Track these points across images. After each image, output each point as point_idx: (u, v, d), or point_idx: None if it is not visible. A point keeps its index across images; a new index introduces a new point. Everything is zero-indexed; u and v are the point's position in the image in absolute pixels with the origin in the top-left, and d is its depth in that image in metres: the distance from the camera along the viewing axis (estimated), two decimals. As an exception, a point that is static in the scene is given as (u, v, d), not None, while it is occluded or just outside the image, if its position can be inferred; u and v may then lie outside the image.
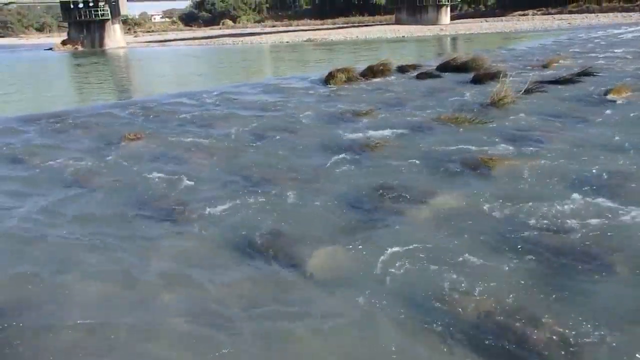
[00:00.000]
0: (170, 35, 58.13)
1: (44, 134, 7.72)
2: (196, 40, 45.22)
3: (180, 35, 57.34)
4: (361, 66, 12.86)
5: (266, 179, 5.11)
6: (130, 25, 66.27)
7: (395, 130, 6.84)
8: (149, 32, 68.11)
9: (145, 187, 5.05)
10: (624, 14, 46.28)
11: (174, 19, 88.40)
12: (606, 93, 8.47)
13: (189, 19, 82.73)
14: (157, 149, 6.55)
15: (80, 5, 40.78)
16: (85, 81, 18.55)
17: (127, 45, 42.76)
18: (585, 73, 10.68)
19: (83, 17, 40.78)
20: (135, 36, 57.46)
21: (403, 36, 37.68)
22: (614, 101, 8.05)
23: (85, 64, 26.46)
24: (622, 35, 23.80)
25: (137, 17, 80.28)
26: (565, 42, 21.54)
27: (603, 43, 20.04)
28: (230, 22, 71.21)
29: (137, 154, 6.39)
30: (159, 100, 10.48)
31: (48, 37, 68.72)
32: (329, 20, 63.96)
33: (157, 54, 32.42)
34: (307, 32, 47.12)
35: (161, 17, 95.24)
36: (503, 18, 52.72)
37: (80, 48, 40.87)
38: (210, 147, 6.48)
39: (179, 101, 10.17)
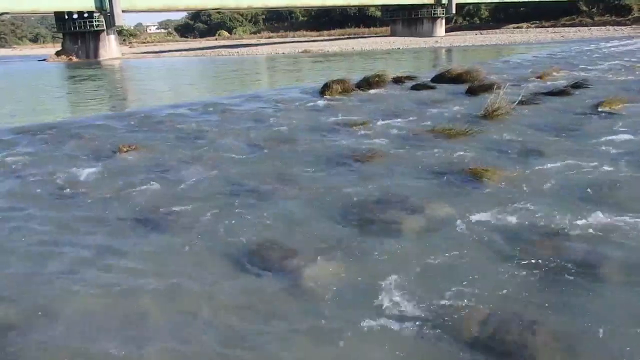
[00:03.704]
0: (166, 46, 58.34)
1: (37, 146, 7.66)
2: (192, 52, 45.37)
3: (176, 46, 57.57)
4: (357, 77, 12.93)
5: (260, 190, 5.10)
6: (125, 36, 66.34)
7: (390, 141, 6.87)
8: (144, 43, 68.23)
9: (139, 198, 5.02)
10: (616, 27, 47.06)
11: (170, 30, 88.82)
12: (598, 105, 8.57)
13: (184, 30, 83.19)
14: (152, 160, 6.52)
15: (75, 16, 40.65)
16: (80, 92, 18.52)
17: (122, 56, 42.79)
18: (578, 85, 10.81)
19: (77, 28, 40.65)
20: (130, 47, 57.50)
21: (399, 48, 38.00)
22: (606, 113, 8.14)
23: (80, 74, 26.45)
24: (613, 49, 24.12)
25: (132, 28, 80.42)
26: (558, 55, 21.78)
27: (595, 56, 20.29)
28: (226, 34, 71.62)
29: (131, 165, 6.36)
30: (154, 111, 10.46)
31: (42, 47, 68.74)
32: (325, 32, 64.49)
33: (152, 65, 32.48)
34: (303, 43, 47.43)
35: (157, 28, 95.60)
36: (497, 31, 53.36)
37: (74, 59, 40.78)
38: (204, 158, 6.46)
39: (174, 112, 10.15)
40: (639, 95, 9.74)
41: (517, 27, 54.66)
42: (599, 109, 8.35)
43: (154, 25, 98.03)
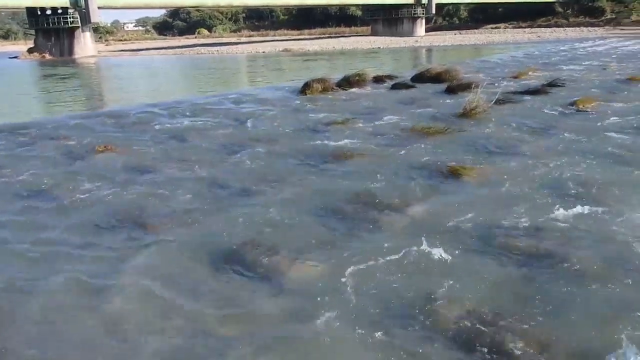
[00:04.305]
0: (144, 44, 57.39)
1: (7, 147, 7.43)
2: (170, 50, 44.77)
3: (154, 44, 56.70)
4: (337, 76, 12.93)
5: (240, 190, 5.05)
6: (101, 33, 65.07)
7: (369, 140, 6.88)
8: (121, 40, 67.00)
9: (116, 200, 4.92)
10: (590, 28, 48.23)
11: (148, 27, 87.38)
12: (572, 103, 8.79)
13: (163, 28, 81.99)
14: (129, 160, 6.40)
15: (48, 12, 39.54)
16: (54, 91, 18.10)
17: (99, 54, 41.95)
18: (553, 84, 11.04)
19: (51, 25, 39.55)
20: (107, 45, 56.44)
21: (379, 47, 38.20)
22: (580, 111, 8.35)
23: (54, 73, 25.85)
24: (587, 49, 24.68)
25: (109, 25, 78.83)
26: (535, 55, 22.18)
27: (570, 55, 20.73)
28: (205, 32, 70.82)
29: (108, 166, 6.22)
30: (131, 111, 10.28)
31: (13, 45, 66.76)
32: (306, 31, 64.39)
33: (129, 64, 31.95)
34: (284, 42, 47.27)
35: (134, 26, 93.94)
36: (476, 31, 54.11)
37: (48, 56, 39.77)
38: (183, 159, 6.37)
39: (152, 112, 9.99)
40: (611, 94, 9.99)
41: (495, 28, 55.48)
42: (574, 108, 8.55)
43: (131, 23, 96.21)
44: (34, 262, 3.70)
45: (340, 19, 66.47)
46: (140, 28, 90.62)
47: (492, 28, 55.71)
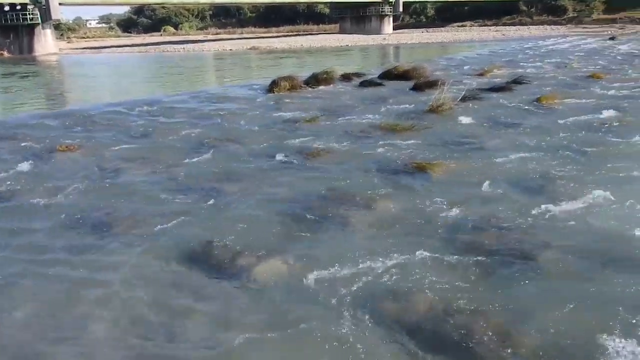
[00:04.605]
0: (107, 41, 55.78)
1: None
2: (135, 48, 43.67)
3: (118, 42, 55.15)
4: (305, 74, 12.89)
5: (207, 188, 4.96)
6: (63, 30, 62.72)
7: (337, 138, 6.89)
8: (84, 38, 64.79)
9: (80, 201, 4.76)
10: (553, 26, 49.70)
11: (112, 25, 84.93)
12: (536, 100, 9.01)
13: (127, 25, 79.83)
14: (93, 160, 6.21)
15: (6, 8, 37.90)
16: (13, 90, 17.38)
17: (60, 51, 40.49)
18: (518, 81, 11.32)
19: (9, 22, 37.97)
20: (68, 42, 54.53)
21: (347, 45, 38.29)
22: (543, 107, 8.57)
23: (14, 71, 24.84)
24: (550, 47, 25.42)
25: (70, 22, 76.13)
26: (500, 52, 22.69)
27: (534, 53, 21.30)
28: (171, 29, 69.37)
29: (71, 166, 6.02)
30: (94, 110, 9.96)
31: (-31, 42, 63.80)
32: (274, 29, 63.94)
33: (92, 62, 31.02)
34: (252, 40, 46.80)
35: (97, 23, 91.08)
36: (443, 29, 54.91)
37: (6, 54, 38.13)
38: (149, 158, 6.22)
39: (117, 110, 9.73)
40: (573, 90, 10.31)
41: (462, 26, 56.45)
42: (537, 104, 8.77)
43: (94, 20, 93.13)
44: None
45: (308, 16, 66.30)
46: (104, 25, 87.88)
47: (458, 26, 56.67)
